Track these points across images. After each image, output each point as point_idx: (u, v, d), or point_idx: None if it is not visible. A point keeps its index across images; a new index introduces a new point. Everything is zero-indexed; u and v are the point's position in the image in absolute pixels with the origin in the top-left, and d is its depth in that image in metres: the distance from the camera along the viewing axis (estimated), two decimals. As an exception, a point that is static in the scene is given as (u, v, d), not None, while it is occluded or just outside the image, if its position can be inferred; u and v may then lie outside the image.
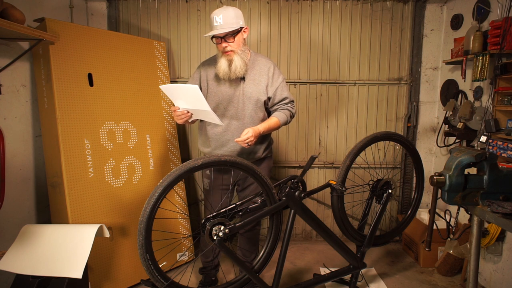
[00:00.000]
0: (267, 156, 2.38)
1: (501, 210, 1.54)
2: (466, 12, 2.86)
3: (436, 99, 3.32)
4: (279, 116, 2.21)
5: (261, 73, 2.20)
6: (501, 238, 2.40)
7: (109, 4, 3.21)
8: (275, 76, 2.21)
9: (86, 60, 2.46)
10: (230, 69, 2.10)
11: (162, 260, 2.58)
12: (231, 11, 2.04)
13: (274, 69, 2.22)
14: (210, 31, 2.08)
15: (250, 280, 1.99)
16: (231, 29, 2.02)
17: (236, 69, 2.10)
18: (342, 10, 3.23)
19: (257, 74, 2.20)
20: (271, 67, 2.21)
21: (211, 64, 2.25)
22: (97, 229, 2.01)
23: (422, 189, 2.60)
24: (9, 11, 1.94)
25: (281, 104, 2.25)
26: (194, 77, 2.31)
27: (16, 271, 1.85)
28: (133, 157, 2.65)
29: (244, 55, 2.14)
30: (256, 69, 2.21)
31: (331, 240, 2.26)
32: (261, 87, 2.20)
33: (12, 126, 2.30)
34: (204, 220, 1.83)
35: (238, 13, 2.08)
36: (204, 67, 2.28)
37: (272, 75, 2.20)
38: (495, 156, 1.65)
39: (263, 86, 2.20)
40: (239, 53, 2.10)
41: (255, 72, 2.20)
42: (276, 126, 2.20)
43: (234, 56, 2.09)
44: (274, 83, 2.20)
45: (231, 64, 2.10)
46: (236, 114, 2.22)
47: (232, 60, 2.09)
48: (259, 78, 2.20)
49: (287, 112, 2.24)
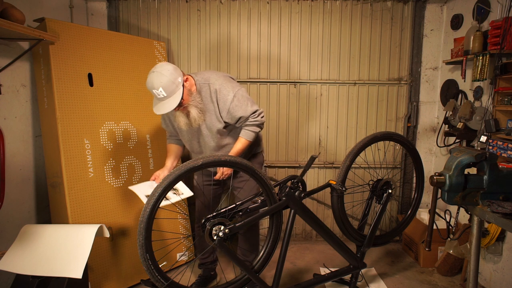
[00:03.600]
0: (257, 152, 2.40)
1: (501, 210, 1.54)
2: (466, 12, 2.86)
3: (436, 99, 3.32)
4: (245, 136, 2.17)
5: (207, 100, 2.12)
6: (501, 238, 2.40)
7: (109, 4, 3.20)
8: (221, 99, 2.10)
9: (86, 60, 2.46)
10: (189, 119, 2.08)
11: (162, 260, 2.58)
12: (166, 77, 1.92)
13: (218, 91, 2.09)
14: (158, 104, 2.00)
15: (250, 280, 1.99)
16: (178, 99, 1.96)
17: (195, 119, 2.08)
18: (342, 10, 3.23)
19: (205, 103, 2.12)
20: (214, 90, 2.10)
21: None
22: (97, 229, 2.01)
23: (422, 189, 2.60)
24: (9, 11, 1.94)
25: (241, 122, 2.16)
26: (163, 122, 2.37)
27: (16, 271, 1.85)
28: (133, 157, 2.65)
29: (195, 101, 2.07)
30: (203, 98, 2.12)
31: (331, 240, 2.26)
32: (214, 116, 2.13)
33: (12, 126, 2.30)
34: (204, 220, 1.83)
35: (172, 71, 1.95)
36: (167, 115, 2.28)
37: (217, 99, 2.10)
38: (495, 156, 1.65)
39: (215, 115, 2.13)
40: (191, 104, 2.05)
41: (203, 102, 2.12)
42: (246, 145, 2.18)
43: (189, 109, 2.06)
44: (223, 107, 2.10)
45: (188, 115, 2.08)
46: (204, 148, 2.27)
47: (189, 112, 2.06)
48: (208, 107, 2.13)
49: (251, 128, 2.17)
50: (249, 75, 3.31)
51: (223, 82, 2.12)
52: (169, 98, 1.95)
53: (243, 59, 3.29)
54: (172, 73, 1.94)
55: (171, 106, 1.96)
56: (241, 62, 3.29)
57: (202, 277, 2.56)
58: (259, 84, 3.31)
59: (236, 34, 3.26)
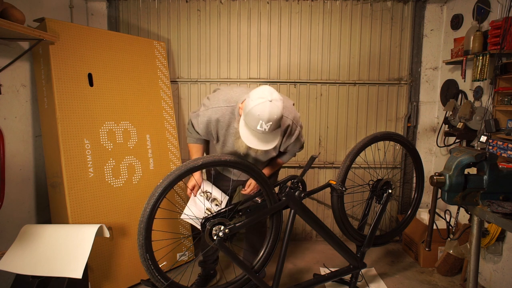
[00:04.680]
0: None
1: (501, 210, 1.54)
2: (466, 12, 2.86)
3: (436, 99, 3.32)
4: (283, 158, 2.20)
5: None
6: (501, 238, 2.40)
7: (109, 4, 3.21)
8: (292, 135, 2.00)
9: (86, 60, 2.46)
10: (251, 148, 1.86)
11: (162, 260, 2.58)
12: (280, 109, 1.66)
13: (291, 127, 1.96)
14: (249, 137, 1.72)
15: (250, 280, 1.99)
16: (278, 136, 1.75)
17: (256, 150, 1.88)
18: (342, 10, 3.23)
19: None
20: (290, 125, 1.96)
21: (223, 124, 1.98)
22: (97, 229, 2.01)
23: (422, 189, 2.60)
24: (9, 11, 1.94)
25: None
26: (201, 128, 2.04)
27: (16, 271, 1.85)
28: (133, 157, 2.65)
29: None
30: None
31: (331, 240, 2.26)
32: (275, 148, 2.04)
33: (12, 126, 2.30)
34: (204, 220, 1.83)
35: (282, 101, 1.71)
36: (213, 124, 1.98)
37: (287, 134, 1.99)
38: (495, 156, 1.65)
39: (277, 146, 2.02)
40: None
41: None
42: (279, 166, 2.22)
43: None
44: (287, 141, 2.03)
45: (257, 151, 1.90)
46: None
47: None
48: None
49: (293, 153, 2.20)
50: (249, 75, 3.31)
51: (294, 116, 1.99)
52: (268, 134, 1.71)
53: (243, 59, 3.29)
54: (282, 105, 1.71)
55: (271, 145, 1.75)
56: (241, 62, 3.29)
57: (202, 276, 2.56)
58: (259, 84, 3.31)
59: (236, 34, 3.26)
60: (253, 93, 1.69)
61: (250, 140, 1.73)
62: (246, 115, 1.67)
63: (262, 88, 1.71)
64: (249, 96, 1.69)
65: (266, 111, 1.61)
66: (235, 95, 1.93)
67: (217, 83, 3.30)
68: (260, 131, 1.65)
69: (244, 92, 1.92)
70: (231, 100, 1.92)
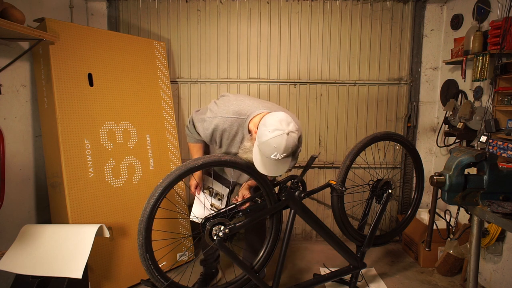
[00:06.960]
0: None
1: (501, 210, 1.54)
2: (466, 12, 2.86)
3: (436, 99, 3.32)
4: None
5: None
6: (501, 238, 2.40)
7: (109, 4, 3.21)
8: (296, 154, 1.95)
9: (86, 60, 2.46)
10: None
11: (162, 260, 2.58)
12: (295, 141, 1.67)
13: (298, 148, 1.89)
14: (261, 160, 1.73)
15: (250, 280, 1.99)
16: (288, 162, 1.76)
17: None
18: (342, 10, 3.23)
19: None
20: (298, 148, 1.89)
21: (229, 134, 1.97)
22: (97, 229, 2.01)
23: (422, 189, 2.60)
24: (9, 11, 1.94)
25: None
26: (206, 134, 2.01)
27: (16, 271, 1.85)
28: (133, 157, 2.65)
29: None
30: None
31: (331, 240, 2.26)
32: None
33: (12, 126, 2.30)
34: (204, 220, 1.83)
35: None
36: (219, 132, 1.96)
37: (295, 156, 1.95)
38: (495, 156, 1.65)
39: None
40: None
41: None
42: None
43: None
44: (292, 161, 1.95)
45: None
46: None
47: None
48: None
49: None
50: (249, 75, 3.31)
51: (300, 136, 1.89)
52: (280, 160, 1.70)
53: (243, 59, 3.29)
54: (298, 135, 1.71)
55: (282, 170, 1.76)
56: (241, 62, 3.29)
57: (204, 275, 2.56)
58: (259, 84, 3.31)
59: (236, 34, 3.26)
60: (270, 121, 1.66)
61: (263, 167, 1.74)
62: (262, 143, 1.65)
63: (279, 116, 1.67)
64: (265, 124, 1.66)
65: (282, 144, 1.61)
66: (246, 107, 1.89)
67: (217, 83, 3.30)
68: (274, 159, 1.66)
69: (255, 105, 1.89)
70: (242, 113, 1.89)
